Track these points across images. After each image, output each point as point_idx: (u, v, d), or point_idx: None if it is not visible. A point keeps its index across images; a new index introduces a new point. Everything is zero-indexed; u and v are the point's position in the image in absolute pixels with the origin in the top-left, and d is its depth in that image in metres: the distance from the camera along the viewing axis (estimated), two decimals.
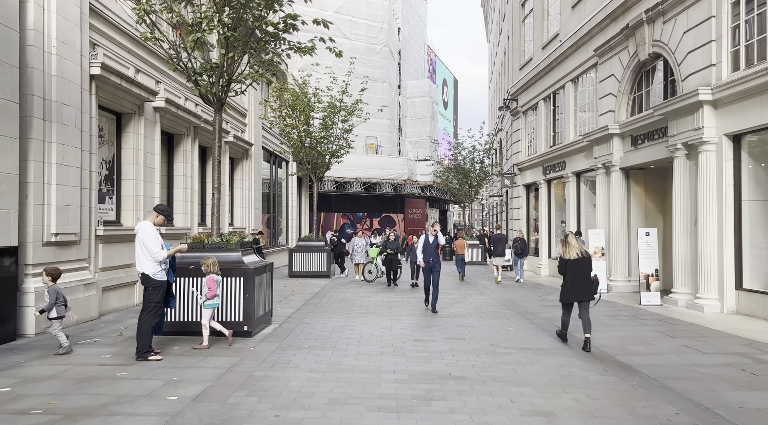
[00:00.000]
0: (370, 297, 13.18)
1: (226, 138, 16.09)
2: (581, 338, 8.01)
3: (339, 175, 35.08)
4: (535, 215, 22.04)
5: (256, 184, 19.22)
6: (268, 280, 8.92)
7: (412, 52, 53.78)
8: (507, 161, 26.16)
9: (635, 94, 13.97)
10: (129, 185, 10.84)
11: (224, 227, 16.43)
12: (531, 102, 21.22)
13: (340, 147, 19.42)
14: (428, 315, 10.51)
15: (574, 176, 17.61)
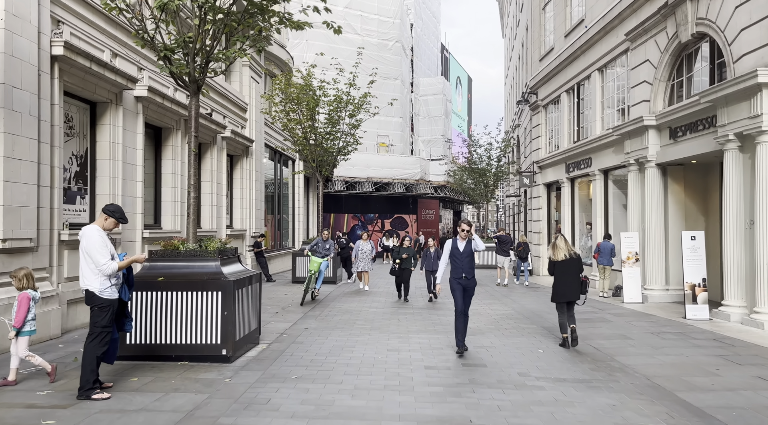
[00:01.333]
0: (376, 308, 11.85)
1: (223, 133, 14.86)
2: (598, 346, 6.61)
3: (349, 175, 33.83)
4: (556, 217, 20.57)
5: (258, 183, 17.99)
6: (254, 293, 7.63)
7: (424, 49, 52.43)
8: (525, 159, 24.71)
9: (674, 82, 12.49)
10: (105, 183, 9.62)
11: (222, 230, 15.21)
12: (552, 95, 19.77)
13: (347, 144, 18.12)
14: (442, 332, 9.15)
15: (601, 174, 16.14)
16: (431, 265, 12.90)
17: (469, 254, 7.55)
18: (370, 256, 15.37)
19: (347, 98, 17.45)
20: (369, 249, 15.36)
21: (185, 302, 6.65)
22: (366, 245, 15.36)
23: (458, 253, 7.59)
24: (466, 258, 7.54)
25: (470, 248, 7.57)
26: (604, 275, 13.95)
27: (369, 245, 15.42)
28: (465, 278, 7.50)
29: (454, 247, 7.64)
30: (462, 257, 7.54)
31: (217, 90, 14.68)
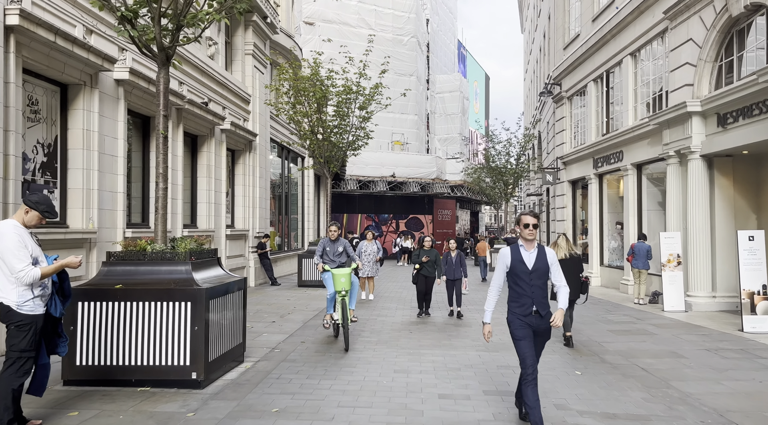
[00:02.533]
0: (386, 317, 10.61)
1: (222, 125, 13.75)
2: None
3: (363, 173, 32.68)
4: (582, 216, 19.16)
5: (263, 180, 16.87)
6: (236, 303, 6.44)
7: (441, 46, 51.11)
8: (548, 155, 23.30)
9: (722, 62, 11.08)
10: (77, 175, 8.52)
11: (221, 230, 14.09)
12: (578, 85, 18.37)
13: (357, 138, 16.91)
14: (460, 347, 7.89)
15: (634, 169, 14.73)
16: (453, 273, 10.66)
17: (543, 274, 4.52)
18: (375, 259, 13.26)
19: (357, 89, 16.25)
20: (374, 251, 13.22)
21: (147, 315, 5.48)
22: (371, 247, 13.24)
23: (523, 270, 4.49)
24: (538, 280, 4.49)
25: (545, 262, 4.52)
26: (639, 280, 12.55)
27: (374, 247, 13.27)
28: (536, 315, 4.47)
29: (515, 259, 4.54)
30: (530, 277, 4.48)
31: (216, 78, 13.58)
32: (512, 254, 4.57)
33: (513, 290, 4.57)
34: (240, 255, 15.52)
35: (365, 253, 13.16)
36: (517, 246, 4.60)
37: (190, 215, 13.10)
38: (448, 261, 10.71)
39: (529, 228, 4.55)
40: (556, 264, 4.59)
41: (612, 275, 16.17)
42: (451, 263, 10.71)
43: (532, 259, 4.52)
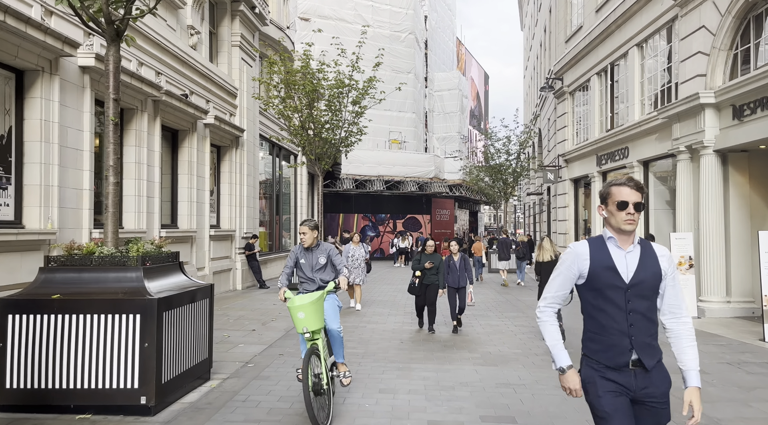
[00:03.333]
0: (376, 324, 9.84)
1: (204, 119, 12.98)
2: None
3: (359, 172, 31.94)
4: (585, 216, 18.41)
5: (251, 178, 16.11)
6: (199, 314, 5.68)
7: (439, 43, 50.35)
8: (549, 153, 22.55)
9: (738, 50, 10.32)
10: (34, 170, 7.76)
11: (204, 230, 13.33)
12: (580, 79, 17.62)
13: (350, 134, 16.14)
14: (455, 360, 7.13)
15: (640, 166, 13.98)
16: (457, 280, 9.16)
17: (650, 291, 2.57)
18: (362, 263, 11.88)
19: (350, 82, 15.48)
20: (362, 255, 11.88)
21: (89, 331, 4.72)
22: (358, 250, 11.87)
23: (614, 283, 2.53)
24: (641, 303, 2.54)
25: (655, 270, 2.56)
26: None
27: (362, 250, 11.97)
28: (638, 369, 2.56)
29: (600, 264, 2.56)
30: (628, 297, 2.53)
31: (198, 70, 12.82)
32: (593, 253, 2.54)
33: (593, 320, 2.57)
34: (226, 257, 14.76)
35: (352, 258, 11.73)
36: (602, 240, 2.58)
37: (171, 215, 12.34)
38: (451, 267, 9.23)
39: (627, 210, 2.49)
40: (674, 275, 2.60)
41: None
42: (454, 269, 9.22)
43: (631, 265, 2.50)
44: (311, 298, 4.78)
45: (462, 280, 9.18)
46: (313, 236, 5.42)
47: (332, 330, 5.20)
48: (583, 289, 2.62)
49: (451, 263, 9.29)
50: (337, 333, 5.25)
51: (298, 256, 5.47)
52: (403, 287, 16.17)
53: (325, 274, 5.39)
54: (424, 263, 9.12)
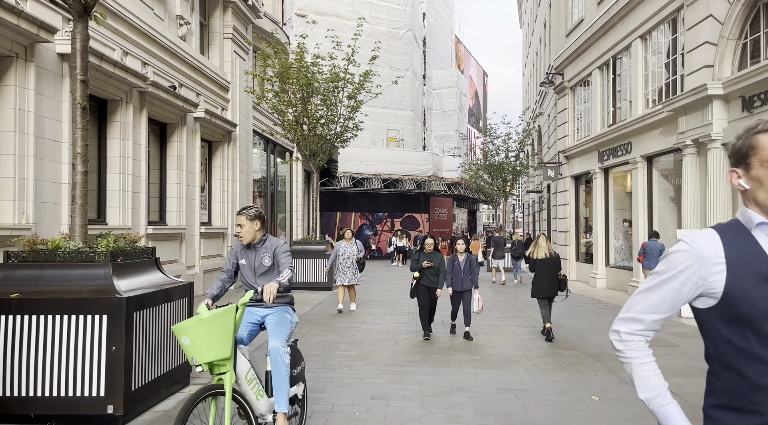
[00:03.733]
0: (371, 324, 9.44)
1: (194, 113, 12.56)
2: None
3: (356, 170, 31.53)
4: (586, 213, 18.03)
5: (243, 175, 15.68)
6: (178, 314, 5.27)
7: (438, 41, 49.95)
8: (549, 150, 22.16)
9: (747, 40, 9.93)
10: (8, 162, 7.34)
11: (194, 227, 12.91)
12: (581, 74, 17.23)
13: (345, 129, 15.74)
14: (453, 363, 6.73)
15: (643, 161, 13.59)
16: (461, 283, 8.28)
17: None
18: (354, 262, 10.86)
19: (345, 76, 15.08)
20: (354, 254, 10.88)
21: (52, 333, 4.31)
22: (350, 248, 10.89)
23: None
24: None
25: None
26: None
27: (354, 248, 10.96)
28: None
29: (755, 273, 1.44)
30: None
31: (188, 61, 12.39)
32: (732, 253, 1.48)
33: (733, 373, 1.49)
34: (218, 255, 14.33)
35: (343, 256, 10.82)
36: (744, 230, 1.51)
37: (159, 211, 11.91)
38: (455, 268, 8.33)
39: None
40: None
41: (619, 276, 15.03)
42: (458, 271, 8.27)
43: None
44: (206, 315, 3.21)
45: (466, 283, 8.30)
46: (254, 230, 3.91)
47: (272, 348, 3.67)
48: (711, 316, 1.53)
49: (455, 263, 8.38)
50: (281, 356, 3.64)
51: (237, 255, 4.07)
52: (401, 287, 15.77)
53: (270, 278, 3.94)
54: (422, 262, 8.23)
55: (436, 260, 8.26)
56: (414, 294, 8.36)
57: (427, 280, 8.26)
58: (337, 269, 10.90)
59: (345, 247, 10.93)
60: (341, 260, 10.79)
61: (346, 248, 10.92)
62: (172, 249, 11.80)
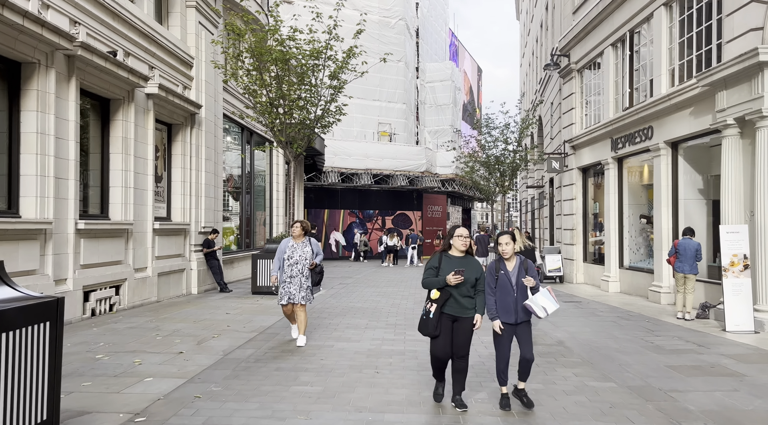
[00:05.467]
0: (347, 341, 7.59)
1: (145, 88, 10.68)
2: None
3: (345, 165, 29.69)
4: (595, 209, 16.26)
5: (210, 164, 13.79)
6: (30, 346, 3.41)
7: (431, 32, 48.14)
8: (552, 141, 20.39)
9: None
10: None
11: (146, 222, 11.02)
12: (591, 54, 15.45)
13: (327, 112, 13.88)
14: (447, 406, 4.89)
15: (667, 148, 11.81)
16: (515, 309, 4.77)
17: None
18: (305, 268, 7.36)
19: (326, 47, 13.20)
20: (305, 258, 7.37)
21: None
22: (299, 250, 7.38)
23: None
24: None
25: None
26: (685, 288, 9.61)
27: (308, 249, 7.43)
28: None
29: None
30: None
31: (137, 27, 10.50)
32: None
33: None
34: (178, 255, 12.45)
35: (290, 261, 7.32)
36: None
37: (100, 203, 10.02)
38: (501, 283, 4.83)
39: None
40: None
41: (636, 279, 13.26)
42: (508, 287, 4.79)
43: None
44: None
45: (522, 314, 4.77)
46: None
47: None
48: None
49: (501, 275, 4.83)
50: None
51: None
52: (389, 291, 13.94)
53: None
54: (447, 273, 4.68)
55: (470, 269, 4.73)
56: (426, 327, 4.73)
57: (455, 305, 4.69)
58: (280, 281, 7.45)
59: (293, 248, 7.39)
60: (288, 269, 7.35)
61: (294, 249, 7.38)
62: (115, 248, 9.92)
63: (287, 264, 7.36)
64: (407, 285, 15.68)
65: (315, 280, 7.53)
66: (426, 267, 4.83)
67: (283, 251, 7.41)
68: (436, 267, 4.76)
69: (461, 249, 4.79)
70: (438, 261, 4.80)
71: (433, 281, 4.71)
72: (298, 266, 7.35)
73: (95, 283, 9.26)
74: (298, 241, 7.50)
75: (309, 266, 7.39)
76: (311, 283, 7.46)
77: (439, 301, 4.66)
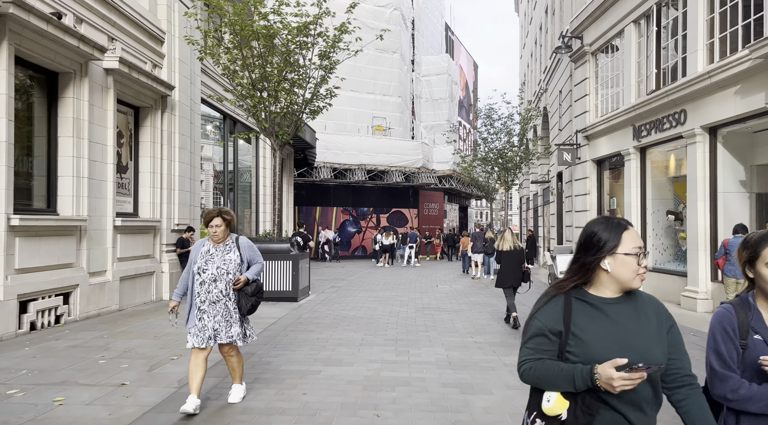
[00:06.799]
0: (338, 365, 6.09)
1: (102, 61, 9.13)
2: None
3: (338, 160, 28.19)
4: (612, 205, 14.84)
5: (186, 153, 12.26)
6: None
7: (427, 24, 46.70)
8: (560, 132, 18.95)
9: None
10: None
11: (106, 219, 9.47)
12: (608, 33, 14.01)
13: (316, 95, 12.36)
14: None
15: (705, 134, 10.38)
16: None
17: None
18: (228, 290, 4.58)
19: (317, 28, 11.72)
20: (231, 268, 4.60)
21: None
22: (220, 256, 4.61)
23: None
24: None
25: None
26: (737, 293, 8.17)
27: (233, 256, 4.64)
28: None
29: None
30: None
31: None
32: None
33: None
34: (146, 256, 10.90)
35: (204, 276, 4.57)
36: None
37: (46, 195, 8.47)
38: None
39: None
40: None
41: (663, 283, 11.84)
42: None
43: None
44: None
45: None
46: None
47: None
48: None
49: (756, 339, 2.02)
50: None
51: None
52: (386, 295, 12.46)
53: None
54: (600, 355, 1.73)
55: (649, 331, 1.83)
56: None
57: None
58: (191, 305, 4.63)
59: (209, 255, 4.63)
60: (197, 284, 4.58)
61: (211, 257, 4.62)
62: (63, 249, 8.37)
63: (199, 281, 4.54)
64: (406, 289, 14.21)
65: (245, 309, 4.59)
66: (529, 332, 1.89)
67: (194, 261, 4.62)
68: (559, 333, 1.85)
69: (627, 283, 1.86)
70: (562, 317, 1.86)
71: (557, 371, 1.79)
72: (218, 284, 4.52)
73: (35, 291, 7.71)
74: (218, 242, 4.65)
75: (235, 285, 4.54)
76: (245, 310, 4.61)
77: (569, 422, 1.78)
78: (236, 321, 4.62)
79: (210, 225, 4.64)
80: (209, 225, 4.64)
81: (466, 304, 11.27)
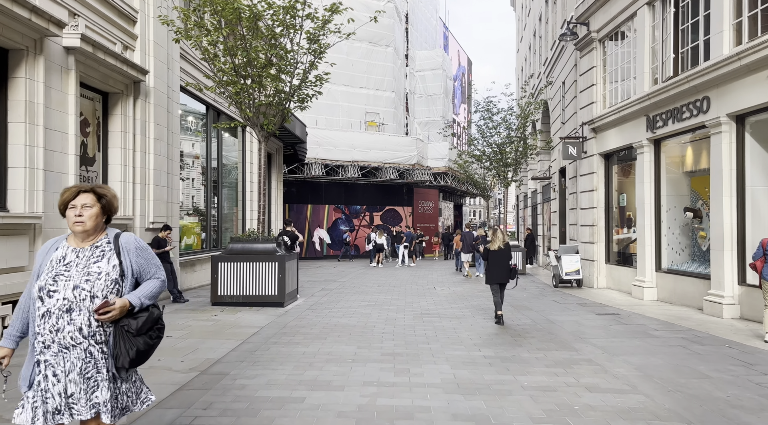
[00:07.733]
0: (327, 388, 5.10)
1: (61, 37, 8.07)
2: None
3: (330, 156, 27.17)
4: (622, 201, 13.92)
5: (162, 145, 11.21)
6: None
7: (422, 19, 45.78)
8: (563, 126, 18.03)
9: None
10: None
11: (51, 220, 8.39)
12: (618, 18, 13.09)
13: (305, 82, 11.33)
14: None
15: (731, 123, 9.47)
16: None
17: None
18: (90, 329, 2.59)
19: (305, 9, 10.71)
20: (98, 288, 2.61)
21: None
22: (83, 266, 2.65)
23: None
24: None
25: None
26: None
27: (106, 263, 2.67)
28: None
29: None
30: None
31: None
32: None
33: None
34: None
35: (52, 299, 2.57)
36: None
37: None
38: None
39: None
40: None
41: (680, 286, 10.93)
42: None
43: None
44: None
45: None
46: None
47: None
48: None
49: None
50: None
51: None
52: (382, 299, 11.48)
53: None
54: None
55: None
56: None
57: None
58: (30, 353, 2.67)
59: (69, 259, 2.69)
60: (38, 317, 2.61)
61: (71, 263, 2.67)
62: (14, 250, 7.33)
63: (41, 311, 2.60)
64: (402, 291, 13.24)
65: (125, 359, 2.63)
66: None
67: (37, 272, 2.68)
68: None
69: None
70: None
71: None
72: (76, 316, 2.60)
73: None
74: (85, 243, 2.75)
75: (100, 313, 2.57)
76: (126, 361, 2.64)
77: None
78: (105, 378, 2.62)
79: (71, 206, 2.69)
80: (69, 206, 2.70)
81: (468, 309, 10.31)
